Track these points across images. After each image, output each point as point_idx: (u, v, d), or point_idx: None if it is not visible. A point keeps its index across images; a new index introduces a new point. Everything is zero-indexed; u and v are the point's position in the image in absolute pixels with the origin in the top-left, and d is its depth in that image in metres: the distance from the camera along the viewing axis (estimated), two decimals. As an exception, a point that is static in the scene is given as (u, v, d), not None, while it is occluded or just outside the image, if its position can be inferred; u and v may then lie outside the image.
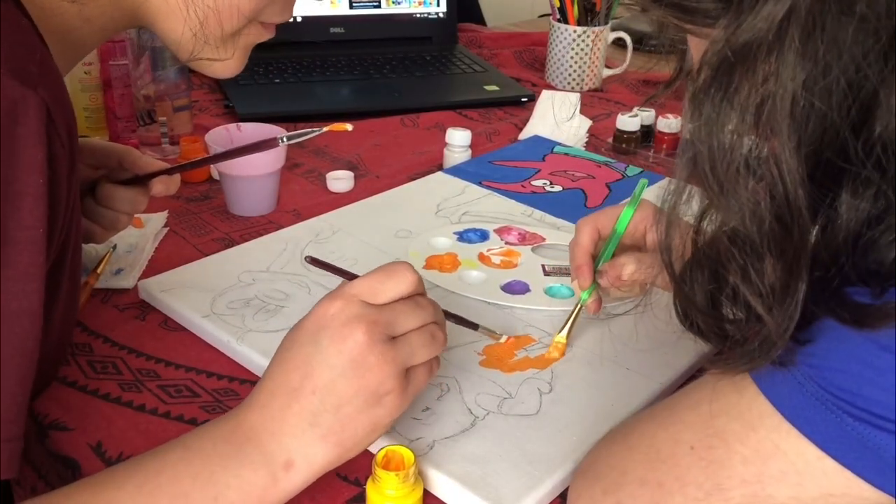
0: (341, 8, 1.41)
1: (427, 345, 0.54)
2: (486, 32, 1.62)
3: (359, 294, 0.53)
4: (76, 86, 1.07)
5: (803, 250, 0.38)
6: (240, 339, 0.68)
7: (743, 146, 0.38)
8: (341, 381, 0.51)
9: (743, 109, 0.37)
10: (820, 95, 0.36)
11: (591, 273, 0.68)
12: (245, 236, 0.87)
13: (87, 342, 0.70)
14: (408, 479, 0.53)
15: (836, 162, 0.37)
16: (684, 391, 0.49)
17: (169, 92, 1.02)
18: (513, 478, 0.56)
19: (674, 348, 0.69)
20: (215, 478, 0.49)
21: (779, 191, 0.37)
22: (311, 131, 0.69)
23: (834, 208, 0.37)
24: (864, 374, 0.38)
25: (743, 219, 0.39)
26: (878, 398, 0.37)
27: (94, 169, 0.75)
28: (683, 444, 0.46)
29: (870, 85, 0.35)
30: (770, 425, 0.42)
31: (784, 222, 0.38)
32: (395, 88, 1.31)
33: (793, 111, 0.36)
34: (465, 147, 1.05)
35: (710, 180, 0.39)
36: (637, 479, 0.48)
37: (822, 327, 0.39)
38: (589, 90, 1.37)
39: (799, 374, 0.40)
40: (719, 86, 0.38)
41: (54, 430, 0.61)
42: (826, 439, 0.39)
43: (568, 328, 0.68)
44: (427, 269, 0.80)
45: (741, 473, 0.43)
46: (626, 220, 0.68)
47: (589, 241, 0.69)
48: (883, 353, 0.37)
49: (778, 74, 0.36)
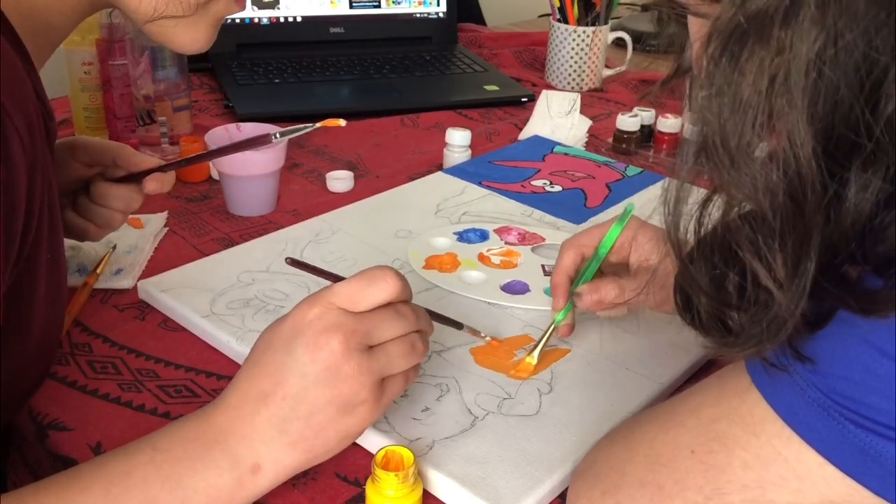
0: (341, 8, 1.41)
1: (405, 355, 0.53)
2: (486, 32, 1.62)
3: (338, 301, 0.52)
4: (76, 86, 1.07)
5: (814, 227, 0.37)
6: (239, 339, 0.68)
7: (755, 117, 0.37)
8: (313, 390, 0.50)
9: (756, 79, 0.36)
10: (833, 67, 0.34)
11: (565, 295, 0.67)
12: (245, 236, 0.87)
13: (87, 342, 0.70)
14: (407, 479, 0.52)
15: (847, 139, 0.36)
16: (685, 394, 0.49)
17: (169, 92, 1.02)
18: (512, 478, 0.56)
19: (674, 348, 0.69)
20: (184, 482, 0.49)
21: (790, 165, 0.36)
22: (304, 127, 0.68)
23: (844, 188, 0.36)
24: (867, 381, 0.37)
25: (754, 193, 0.37)
26: (880, 406, 0.37)
27: (88, 167, 0.74)
28: (684, 447, 0.46)
29: (883, 60, 0.34)
30: (771, 431, 0.41)
31: (795, 198, 0.37)
32: (395, 88, 1.31)
33: (806, 82, 0.35)
34: (465, 147, 1.05)
35: (720, 154, 0.38)
36: (637, 481, 0.48)
37: (826, 334, 0.39)
38: (589, 90, 1.37)
39: (801, 380, 0.40)
40: (731, 55, 0.37)
41: (54, 430, 0.61)
42: (828, 446, 0.39)
43: (539, 350, 0.67)
44: (427, 269, 0.80)
45: (741, 478, 0.43)
46: (610, 242, 0.67)
47: (570, 262, 0.68)
48: (886, 360, 0.37)
49: (792, 43, 0.35)
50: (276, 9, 1.38)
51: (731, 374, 0.45)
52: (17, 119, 0.47)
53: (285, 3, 1.38)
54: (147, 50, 0.98)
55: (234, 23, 1.36)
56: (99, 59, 1.05)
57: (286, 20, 1.39)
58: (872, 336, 0.37)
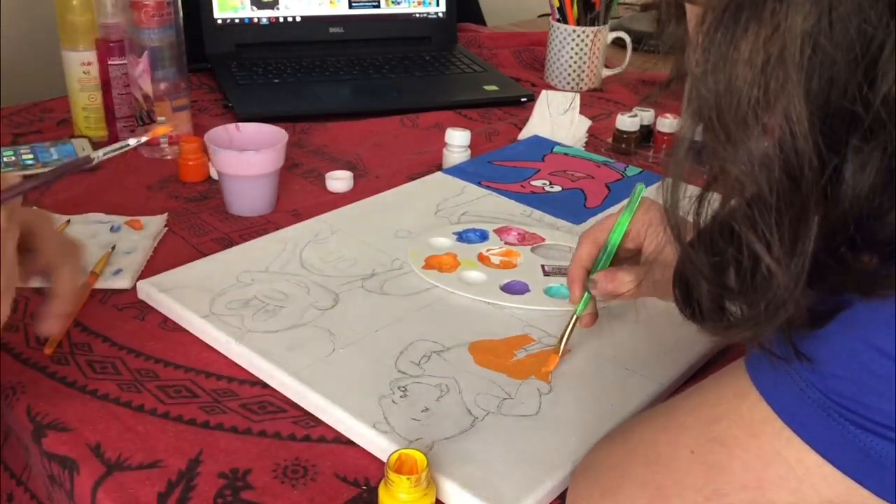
0: (341, 8, 1.41)
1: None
2: (486, 32, 1.62)
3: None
4: (76, 86, 1.07)
5: (811, 205, 0.37)
6: (239, 339, 0.68)
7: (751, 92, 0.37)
8: None
9: (751, 54, 0.36)
10: (828, 41, 0.34)
11: (582, 286, 0.66)
12: (244, 236, 0.87)
13: (87, 342, 0.70)
14: (420, 483, 0.52)
15: (843, 116, 0.36)
16: (685, 394, 0.49)
17: (168, 92, 1.02)
18: (512, 478, 0.56)
19: (674, 348, 0.69)
20: None
21: (787, 141, 0.36)
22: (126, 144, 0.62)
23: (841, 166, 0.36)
24: (867, 381, 0.37)
25: (751, 169, 0.37)
26: (881, 406, 0.37)
27: None
28: (683, 447, 0.46)
29: (878, 35, 0.34)
30: (771, 431, 0.41)
31: (792, 174, 0.36)
32: (395, 88, 1.30)
33: (801, 57, 0.35)
34: (465, 147, 1.04)
35: (716, 128, 0.38)
36: (636, 481, 0.48)
37: (826, 334, 0.39)
38: (588, 90, 1.37)
39: (801, 380, 0.40)
40: (726, 29, 0.37)
41: (53, 430, 0.61)
42: (827, 446, 0.39)
43: (564, 343, 0.66)
44: (427, 269, 0.79)
45: (741, 479, 0.43)
46: (622, 229, 0.66)
47: (585, 253, 0.67)
48: (886, 361, 0.36)
49: (787, 16, 0.35)
50: (276, 9, 1.38)
51: (730, 375, 0.45)
52: None
53: (285, 3, 1.38)
54: (147, 50, 0.98)
55: (234, 23, 1.36)
56: (98, 59, 1.05)
57: (286, 20, 1.39)
58: (873, 336, 0.37)
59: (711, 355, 0.71)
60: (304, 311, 0.72)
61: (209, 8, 1.34)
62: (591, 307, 0.67)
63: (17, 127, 1.13)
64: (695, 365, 0.69)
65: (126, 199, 0.93)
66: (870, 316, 0.38)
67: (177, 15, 0.99)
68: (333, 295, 0.75)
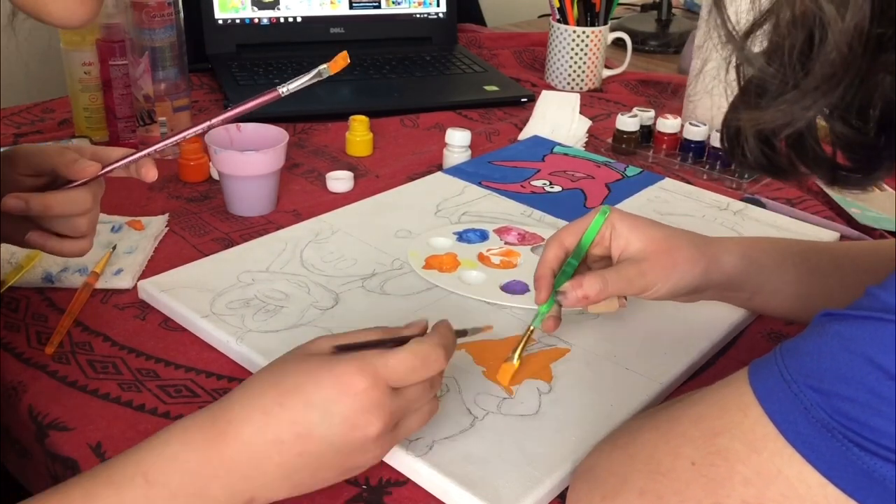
0: (341, 8, 1.42)
1: (421, 422, 0.54)
2: (486, 33, 1.62)
3: (388, 377, 0.50)
4: (76, 86, 1.07)
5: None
6: (239, 339, 0.68)
7: None
8: (333, 457, 0.49)
9: None
10: None
11: (548, 288, 0.65)
12: (245, 236, 0.87)
13: (87, 342, 0.70)
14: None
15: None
16: (688, 402, 0.48)
17: (169, 92, 1.02)
18: (512, 478, 0.56)
19: (674, 348, 0.69)
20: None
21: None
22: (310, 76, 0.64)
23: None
24: (873, 404, 0.37)
25: None
26: (885, 429, 0.37)
27: (34, 177, 0.68)
28: (684, 458, 0.46)
29: None
30: (773, 448, 0.41)
31: None
32: (395, 89, 1.31)
33: None
34: (465, 147, 1.05)
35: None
36: (637, 489, 0.48)
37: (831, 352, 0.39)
38: (588, 90, 1.37)
39: (806, 399, 0.40)
40: None
41: (54, 429, 0.61)
42: (830, 467, 0.39)
43: (519, 352, 0.65)
44: (427, 269, 0.80)
45: (741, 494, 0.43)
46: (593, 233, 0.65)
47: (552, 256, 0.66)
48: (892, 383, 0.36)
49: None
50: (277, 9, 1.38)
51: (734, 387, 0.45)
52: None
53: (285, 4, 1.38)
54: (147, 50, 0.98)
55: (234, 23, 1.36)
56: (99, 60, 1.05)
57: (286, 20, 1.39)
58: (879, 357, 0.37)
59: (711, 355, 0.71)
60: (305, 311, 0.72)
61: (210, 8, 1.34)
62: (554, 310, 0.65)
63: (18, 127, 1.13)
64: (695, 365, 0.69)
65: (127, 199, 0.93)
66: (877, 336, 0.38)
67: (178, 15, 1.00)
68: (334, 295, 0.75)
